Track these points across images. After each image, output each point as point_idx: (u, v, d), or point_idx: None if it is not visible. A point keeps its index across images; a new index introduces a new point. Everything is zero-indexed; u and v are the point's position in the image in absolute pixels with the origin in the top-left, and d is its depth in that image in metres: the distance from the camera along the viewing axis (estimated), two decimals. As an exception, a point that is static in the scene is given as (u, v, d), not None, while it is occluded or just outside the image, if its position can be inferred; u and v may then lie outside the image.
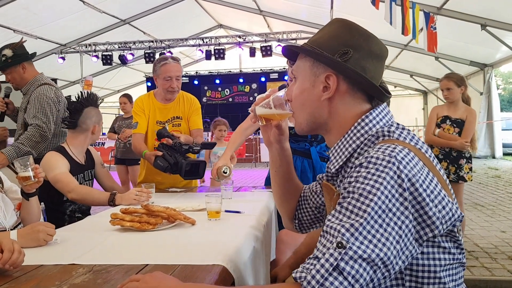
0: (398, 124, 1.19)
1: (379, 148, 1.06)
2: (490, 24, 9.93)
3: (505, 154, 15.29)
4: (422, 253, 1.05)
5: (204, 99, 20.31)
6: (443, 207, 1.03)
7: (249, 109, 1.42)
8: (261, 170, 13.38)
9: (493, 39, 10.53)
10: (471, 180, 4.24)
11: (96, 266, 1.42)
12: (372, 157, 1.04)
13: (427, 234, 1.01)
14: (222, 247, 1.59)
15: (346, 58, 1.16)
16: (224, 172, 2.90)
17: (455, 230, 1.08)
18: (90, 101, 2.98)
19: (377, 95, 1.22)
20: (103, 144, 15.02)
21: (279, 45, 14.11)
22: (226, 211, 2.32)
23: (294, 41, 14.43)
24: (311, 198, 1.48)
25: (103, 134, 11.94)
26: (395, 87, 20.59)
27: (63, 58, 14.83)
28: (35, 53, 3.75)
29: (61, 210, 2.93)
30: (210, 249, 1.49)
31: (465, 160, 4.18)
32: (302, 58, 1.26)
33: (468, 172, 4.18)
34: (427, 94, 20.32)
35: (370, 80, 1.18)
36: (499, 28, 10.01)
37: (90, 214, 3.08)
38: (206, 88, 20.76)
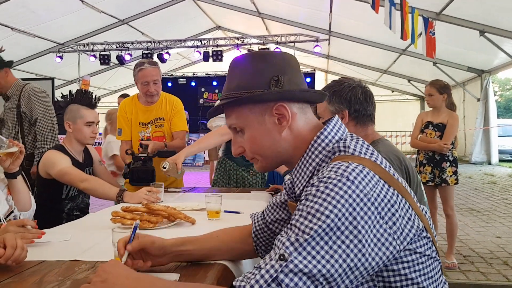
0: (352, 135, 1.21)
1: (332, 167, 1.06)
2: (488, 31, 9.98)
3: (501, 160, 15.35)
4: (402, 262, 1.06)
5: (201, 101, 20.24)
6: (394, 223, 1.02)
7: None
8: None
9: (491, 46, 10.58)
10: (455, 184, 4.26)
11: (99, 262, 1.43)
12: (324, 177, 1.04)
13: (385, 253, 1.01)
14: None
15: (282, 83, 1.19)
16: (163, 167, 2.88)
17: (422, 235, 1.09)
18: (75, 99, 2.98)
19: (319, 99, 1.31)
20: (99, 144, 14.96)
21: (277, 47, 14.12)
22: (226, 211, 2.33)
23: (292, 44, 14.45)
24: (271, 223, 1.43)
25: (100, 134, 11.89)
26: (392, 91, 20.64)
27: (61, 57, 14.77)
28: (12, 61, 4.12)
29: (59, 208, 2.94)
30: (211, 248, 1.50)
31: (448, 163, 4.23)
32: (235, 108, 1.23)
33: (451, 176, 4.22)
34: (424, 99, 20.38)
35: (315, 91, 1.26)
36: (498, 34, 10.05)
37: (88, 213, 3.08)
38: (203, 89, 20.68)
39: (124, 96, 7.20)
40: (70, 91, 3.04)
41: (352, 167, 1.03)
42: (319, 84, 18.29)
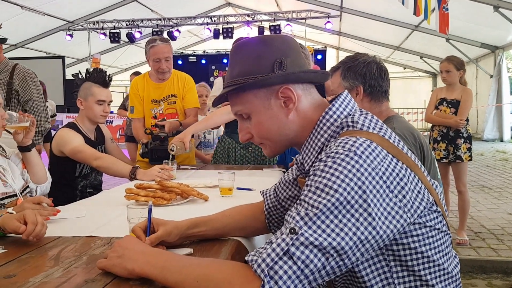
0: (361, 110, 1.19)
1: (340, 142, 1.06)
2: (502, 6, 9.78)
3: (513, 137, 15.19)
4: (412, 235, 1.08)
5: (212, 79, 20.16)
6: (404, 196, 1.03)
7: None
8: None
9: (505, 21, 10.39)
10: (469, 160, 4.24)
11: (114, 238, 1.45)
12: (332, 152, 1.05)
13: (396, 226, 1.02)
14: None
15: (285, 66, 1.17)
16: (171, 149, 2.88)
17: (432, 208, 1.10)
18: (90, 77, 2.99)
19: (323, 79, 1.27)
20: (111, 122, 15.03)
21: (288, 24, 14.01)
22: (238, 188, 2.35)
23: (303, 20, 14.30)
24: (284, 201, 1.45)
25: (111, 112, 11.92)
26: (404, 68, 20.44)
27: (71, 35, 14.78)
28: (6, 38, 4.22)
29: (72, 185, 2.97)
30: (225, 224, 1.51)
31: (462, 140, 4.20)
32: (240, 95, 1.21)
33: (465, 152, 4.19)
34: (437, 76, 20.15)
35: (318, 71, 1.24)
36: (512, 9, 9.87)
37: (101, 190, 3.11)
38: (213, 67, 20.56)
39: (136, 74, 7.22)
40: (87, 69, 3.06)
41: (359, 142, 1.04)
42: (331, 61, 18.11)
